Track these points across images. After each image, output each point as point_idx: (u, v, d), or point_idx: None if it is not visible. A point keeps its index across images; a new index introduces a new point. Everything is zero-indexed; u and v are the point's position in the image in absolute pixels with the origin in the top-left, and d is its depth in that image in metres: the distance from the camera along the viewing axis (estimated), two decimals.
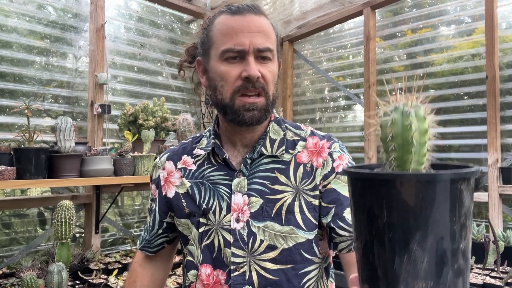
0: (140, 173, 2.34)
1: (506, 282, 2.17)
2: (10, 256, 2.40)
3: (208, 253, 0.94)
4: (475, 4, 3.15)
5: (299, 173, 0.95)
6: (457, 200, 0.44)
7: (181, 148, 1.07)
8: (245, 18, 0.90)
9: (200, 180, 0.98)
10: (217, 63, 0.91)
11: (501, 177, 2.82)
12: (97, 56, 2.65)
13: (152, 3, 3.15)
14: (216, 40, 0.92)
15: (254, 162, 0.96)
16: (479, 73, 3.11)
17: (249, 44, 0.88)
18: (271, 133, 0.98)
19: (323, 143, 0.99)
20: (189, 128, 2.60)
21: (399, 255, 0.43)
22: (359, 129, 3.82)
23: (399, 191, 0.42)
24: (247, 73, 0.87)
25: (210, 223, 0.94)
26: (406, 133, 0.45)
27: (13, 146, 1.97)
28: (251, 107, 0.90)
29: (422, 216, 0.42)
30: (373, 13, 3.63)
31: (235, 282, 0.90)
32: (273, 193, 0.93)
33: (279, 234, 0.91)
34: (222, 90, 0.91)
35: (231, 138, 0.99)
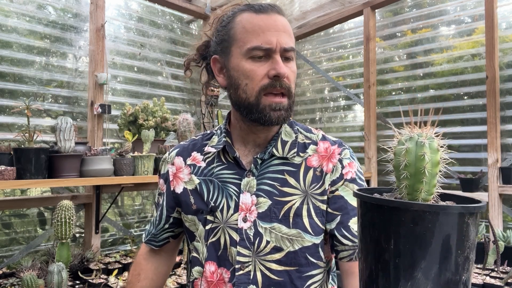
0: (140, 173, 2.34)
1: (506, 282, 2.17)
2: (10, 256, 2.40)
3: (213, 250, 0.94)
4: (475, 4, 3.15)
5: (308, 177, 0.94)
6: (464, 233, 0.45)
7: (191, 144, 1.06)
8: (271, 17, 0.89)
9: (209, 178, 0.98)
10: (241, 61, 0.89)
11: (501, 177, 2.82)
12: (97, 56, 2.65)
13: (152, 3, 3.15)
14: (240, 37, 0.89)
15: (265, 163, 0.95)
16: (479, 73, 3.11)
17: (276, 43, 0.87)
18: (283, 135, 0.98)
19: (334, 149, 0.98)
20: (189, 128, 2.60)
21: (403, 281, 0.44)
22: (359, 129, 3.82)
23: (408, 220, 0.44)
24: (276, 71, 0.86)
25: (217, 221, 0.94)
26: (419, 163, 0.47)
27: (13, 146, 1.97)
28: (277, 107, 0.89)
29: (428, 246, 0.44)
30: (373, 13, 3.63)
31: (239, 281, 0.90)
32: (282, 195, 0.92)
33: (286, 237, 0.91)
34: (247, 88, 0.89)
35: (244, 137, 0.98)
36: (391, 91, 3.65)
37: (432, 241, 0.44)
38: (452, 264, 0.44)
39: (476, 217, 0.46)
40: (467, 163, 3.17)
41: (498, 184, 2.81)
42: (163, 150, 2.57)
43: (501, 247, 2.41)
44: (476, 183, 2.91)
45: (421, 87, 3.43)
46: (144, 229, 1.23)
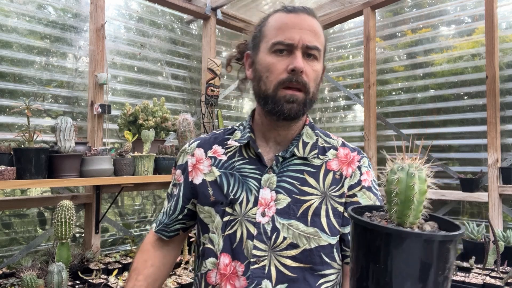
0: (140, 173, 2.34)
1: (506, 282, 2.17)
2: (10, 256, 2.40)
3: (229, 242, 0.96)
4: (475, 4, 3.15)
5: (328, 179, 0.98)
6: (444, 256, 0.50)
7: (212, 137, 1.09)
8: (299, 17, 0.94)
9: (230, 171, 1.00)
10: (266, 55, 0.94)
11: (501, 177, 2.82)
12: (97, 56, 2.65)
13: (152, 3, 3.15)
14: (268, 34, 0.96)
15: (285, 161, 0.99)
16: (479, 73, 3.11)
17: (298, 40, 0.91)
18: (305, 136, 1.02)
19: (354, 155, 1.04)
20: (189, 128, 2.60)
21: None
22: (359, 129, 3.82)
23: (396, 243, 0.49)
24: (293, 65, 0.90)
25: (236, 213, 0.96)
26: (408, 191, 0.52)
27: (13, 146, 1.97)
28: (291, 99, 0.92)
29: (413, 266, 0.49)
30: (373, 13, 3.63)
31: (254, 275, 0.91)
32: (301, 193, 0.95)
33: (303, 234, 0.93)
34: (267, 81, 0.94)
35: (266, 134, 1.02)
36: (391, 91, 3.65)
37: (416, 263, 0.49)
38: (433, 282, 0.50)
39: (455, 242, 0.52)
40: (467, 163, 3.17)
41: (498, 184, 2.81)
42: (163, 150, 2.57)
43: (501, 247, 2.41)
44: (476, 183, 2.91)
45: (421, 87, 3.43)
46: (144, 229, 1.23)
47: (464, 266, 2.45)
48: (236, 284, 0.93)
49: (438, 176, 3.31)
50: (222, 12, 3.50)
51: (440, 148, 3.31)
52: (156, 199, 3.27)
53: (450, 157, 3.27)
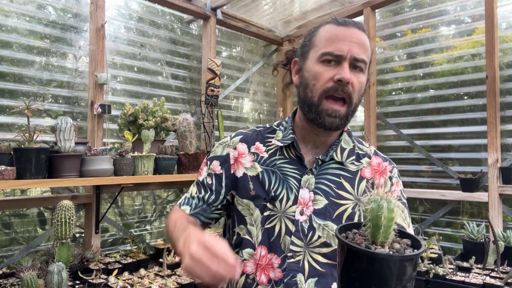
0: (140, 173, 2.34)
1: (506, 282, 2.17)
2: (10, 256, 2.40)
3: (267, 236, 1.02)
4: (475, 4, 3.15)
5: (361, 186, 1.05)
6: (402, 271, 0.63)
7: (254, 134, 1.14)
8: (350, 30, 0.99)
9: (271, 168, 1.06)
10: (314, 64, 1.00)
11: (501, 177, 2.82)
12: (97, 56, 2.65)
13: (152, 3, 3.15)
14: (318, 43, 1.01)
15: (324, 164, 1.05)
16: (479, 73, 3.11)
17: (347, 52, 0.96)
18: (343, 142, 1.09)
19: (386, 165, 1.11)
20: (189, 128, 2.60)
21: None
22: (359, 129, 3.82)
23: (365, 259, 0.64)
24: (340, 76, 0.95)
25: (276, 210, 1.02)
26: (378, 219, 0.66)
27: (13, 146, 1.96)
28: (334, 114, 0.98)
29: (378, 277, 0.63)
30: (373, 13, 3.63)
31: (290, 268, 0.99)
32: (337, 197, 1.03)
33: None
34: (313, 88, 0.99)
35: (306, 137, 1.08)
36: (391, 91, 3.65)
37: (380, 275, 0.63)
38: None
39: (413, 260, 0.64)
40: (467, 163, 3.17)
41: (498, 184, 2.81)
42: (163, 150, 2.57)
43: (501, 247, 2.41)
44: (476, 183, 2.91)
45: (421, 87, 3.43)
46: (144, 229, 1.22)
47: (464, 266, 2.45)
48: (270, 275, 1.00)
49: (438, 176, 3.31)
50: (222, 12, 3.50)
51: (440, 148, 3.31)
52: (156, 199, 3.27)
53: (450, 157, 3.27)
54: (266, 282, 1.01)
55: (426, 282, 2.32)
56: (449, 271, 2.39)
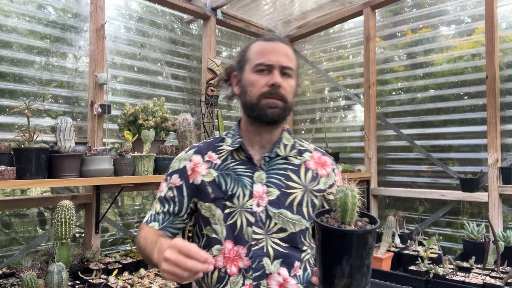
0: (140, 173, 2.34)
1: (506, 282, 2.17)
2: (10, 256, 2.40)
3: (230, 231, 1.14)
4: (475, 4, 3.15)
5: (308, 176, 1.22)
6: (364, 241, 0.86)
7: (206, 145, 1.27)
8: (276, 44, 1.19)
9: (225, 172, 1.19)
10: (250, 74, 1.18)
11: (501, 177, 2.82)
12: (97, 56, 2.65)
13: (152, 3, 3.15)
14: (251, 57, 1.19)
15: (271, 161, 1.21)
16: (479, 73, 3.11)
17: (276, 61, 1.15)
18: (284, 139, 1.25)
19: (325, 159, 1.29)
20: (189, 128, 2.60)
21: (335, 265, 0.86)
22: (359, 129, 3.82)
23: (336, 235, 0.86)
24: (273, 80, 1.13)
25: (235, 206, 1.15)
26: (345, 205, 0.89)
27: (13, 146, 1.96)
28: (273, 105, 1.15)
29: (345, 248, 0.85)
30: (373, 13, 3.63)
31: (255, 254, 1.13)
32: (287, 187, 1.18)
33: (291, 221, 1.15)
34: (251, 93, 1.16)
35: (251, 139, 1.23)
36: (391, 91, 3.65)
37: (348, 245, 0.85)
38: (359, 256, 0.85)
39: (372, 233, 0.87)
40: (467, 163, 3.17)
41: (498, 184, 2.81)
42: (163, 150, 2.57)
43: (501, 247, 2.41)
44: (476, 183, 2.91)
45: (421, 87, 3.43)
46: None
47: (464, 266, 2.45)
48: (240, 265, 1.13)
49: (438, 176, 3.31)
50: (222, 12, 3.50)
51: (440, 148, 3.31)
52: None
53: (450, 157, 3.27)
54: (236, 272, 1.12)
55: (426, 282, 2.32)
56: (449, 271, 2.39)
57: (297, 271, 1.15)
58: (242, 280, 1.11)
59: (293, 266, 1.15)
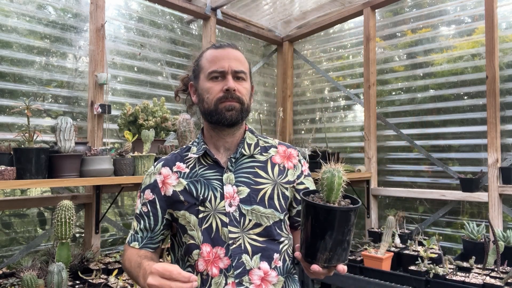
0: (140, 173, 2.34)
1: (506, 282, 2.17)
2: (10, 256, 2.40)
3: (207, 234, 1.17)
4: (475, 4, 3.15)
5: (275, 170, 1.26)
6: (348, 218, 0.94)
7: (173, 157, 1.30)
8: (225, 50, 1.23)
9: (195, 179, 1.22)
10: (205, 82, 1.22)
11: (501, 177, 2.82)
12: (97, 56, 2.65)
13: (152, 3, 3.15)
14: (204, 66, 1.23)
15: (237, 161, 1.24)
16: (479, 73, 3.11)
17: (228, 67, 1.19)
18: (248, 139, 1.28)
19: (291, 151, 1.33)
20: (189, 128, 2.60)
21: (319, 240, 0.94)
22: (359, 129, 3.82)
23: (322, 212, 0.93)
24: (227, 86, 1.18)
25: (208, 210, 1.18)
26: (332, 184, 0.95)
27: (13, 146, 1.96)
28: (230, 107, 1.18)
29: (329, 224, 0.93)
30: (373, 13, 3.63)
31: (234, 253, 1.15)
32: (256, 184, 1.21)
33: (264, 215, 1.19)
34: (208, 100, 1.20)
35: (216, 144, 1.26)
36: (391, 91, 3.65)
37: (331, 222, 0.92)
38: (341, 232, 0.93)
39: (355, 211, 0.94)
40: (467, 163, 3.17)
41: (498, 184, 2.81)
42: (163, 150, 2.57)
43: (501, 247, 2.41)
44: (476, 183, 2.91)
45: (421, 87, 3.43)
46: None
47: (464, 266, 2.45)
48: (220, 265, 1.15)
49: (438, 176, 3.31)
50: (222, 12, 3.50)
51: (440, 148, 3.31)
52: None
53: (450, 157, 3.27)
54: (218, 273, 1.15)
55: (426, 282, 2.32)
56: (449, 271, 2.39)
57: (277, 262, 1.19)
58: (224, 280, 1.14)
59: (272, 258, 1.18)
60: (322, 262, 0.94)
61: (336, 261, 0.94)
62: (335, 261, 0.94)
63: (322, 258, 0.94)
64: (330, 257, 0.94)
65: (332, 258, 0.94)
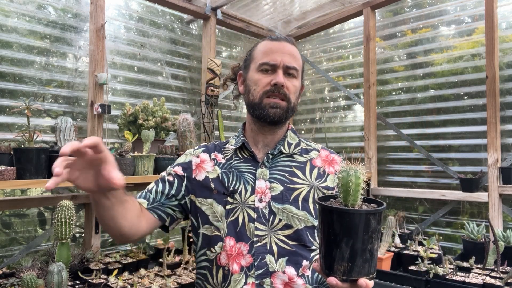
0: (140, 173, 2.34)
1: (506, 282, 2.17)
2: (10, 256, 2.40)
3: (232, 227, 1.13)
4: (475, 4, 3.15)
5: (314, 173, 1.21)
6: (367, 223, 0.81)
7: (213, 146, 1.30)
8: (281, 44, 1.19)
9: (228, 169, 1.20)
10: (254, 73, 1.18)
11: (501, 177, 2.82)
12: (97, 56, 2.65)
13: (152, 3, 3.15)
14: (256, 56, 1.20)
15: (275, 158, 1.20)
16: (479, 73, 3.11)
17: (280, 61, 1.15)
18: (289, 138, 1.25)
19: (334, 157, 1.27)
20: (189, 128, 2.60)
21: (335, 248, 0.82)
22: (359, 129, 3.82)
23: (335, 215, 0.82)
24: (276, 80, 1.14)
25: (236, 202, 1.15)
26: (348, 185, 0.83)
27: (13, 146, 1.96)
28: (275, 105, 1.15)
29: (344, 229, 0.81)
30: (373, 13, 3.63)
31: (258, 251, 1.11)
32: (291, 183, 1.17)
33: (296, 217, 1.13)
34: (254, 92, 1.17)
35: (255, 138, 1.24)
36: (391, 91, 3.65)
37: (350, 227, 0.80)
38: (361, 240, 0.80)
39: (375, 215, 0.81)
40: (467, 163, 3.17)
41: (498, 184, 2.81)
42: (163, 150, 2.57)
43: (501, 247, 2.41)
44: (476, 183, 2.91)
45: (421, 87, 3.43)
46: None
47: (464, 266, 2.45)
48: (242, 263, 1.11)
49: (438, 176, 3.31)
50: (222, 12, 3.50)
51: (440, 148, 3.31)
52: None
53: (450, 157, 3.27)
54: (238, 270, 1.10)
55: (426, 282, 2.32)
56: (449, 271, 2.39)
57: (305, 271, 1.12)
58: (244, 279, 1.09)
59: (300, 265, 1.11)
60: (340, 274, 0.82)
61: (357, 274, 0.82)
62: (355, 274, 0.82)
63: (340, 269, 0.82)
64: (349, 269, 0.81)
65: (352, 270, 0.81)
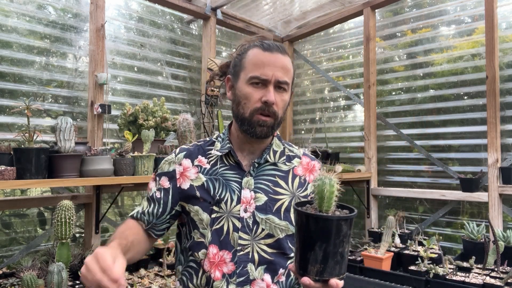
0: (140, 173, 2.34)
1: (506, 282, 2.17)
2: (10, 256, 2.40)
3: (216, 236, 1.14)
4: (475, 4, 3.15)
5: (295, 182, 1.22)
6: (338, 228, 0.86)
7: (196, 148, 1.26)
8: (273, 55, 1.14)
9: (214, 176, 1.19)
10: (244, 85, 1.15)
11: (501, 177, 2.82)
12: (97, 56, 2.65)
13: (152, 3, 3.15)
14: (247, 66, 1.16)
15: (260, 167, 1.20)
16: (479, 73, 3.10)
17: (272, 76, 1.12)
18: (274, 146, 1.25)
19: (314, 164, 1.29)
20: (189, 128, 2.60)
21: (309, 251, 0.87)
22: (359, 129, 3.82)
23: (310, 220, 0.87)
24: (266, 98, 1.12)
25: (222, 211, 1.15)
26: (322, 192, 0.89)
27: (13, 146, 1.96)
28: (263, 124, 1.14)
29: (318, 233, 0.87)
30: (373, 13, 3.63)
31: (240, 260, 1.13)
32: (275, 193, 1.18)
33: (278, 227, 1.16)
34: (245, 106, 1.15)
35: (241, 146, 1.23)
36: (391, 91, 3.65)
37: (321, 232, 0.86)
38: (332, 243, 0.86)
39: (347, 221, 0.87)
40: (467, 163, 3.17)
41: (498, 184, 2.81)
42: (163, 150, 2.57)
43: (501, 247, 2.41)
44: (476, 183, 2.91)
45: (421, 87, 3.43)
46: None
47: (464, 266, 2.45)
48: (224, 270, 1.13)
49: (438, 176, 3.31)
50: (222, 12, 3.50)
51: (440, 148, 3.31)
52: None
53: (450, 157, 3.27)
54: (220, 277, 1.12)
55: (426, 282, 2.32)
56: (449, 271, 2.39)
57: (280, 277, 1.15)
58: (225, 285, 1.12)
59: (277, 273, 1.15)
60: (313, 275, 0.89)
61: (328, 274, 0.88)
62: (327, 275, 0.89)
63: (313, 270, 0.89)
64: (321, 270, 0.88)
65: (324, 271, 0.88)
